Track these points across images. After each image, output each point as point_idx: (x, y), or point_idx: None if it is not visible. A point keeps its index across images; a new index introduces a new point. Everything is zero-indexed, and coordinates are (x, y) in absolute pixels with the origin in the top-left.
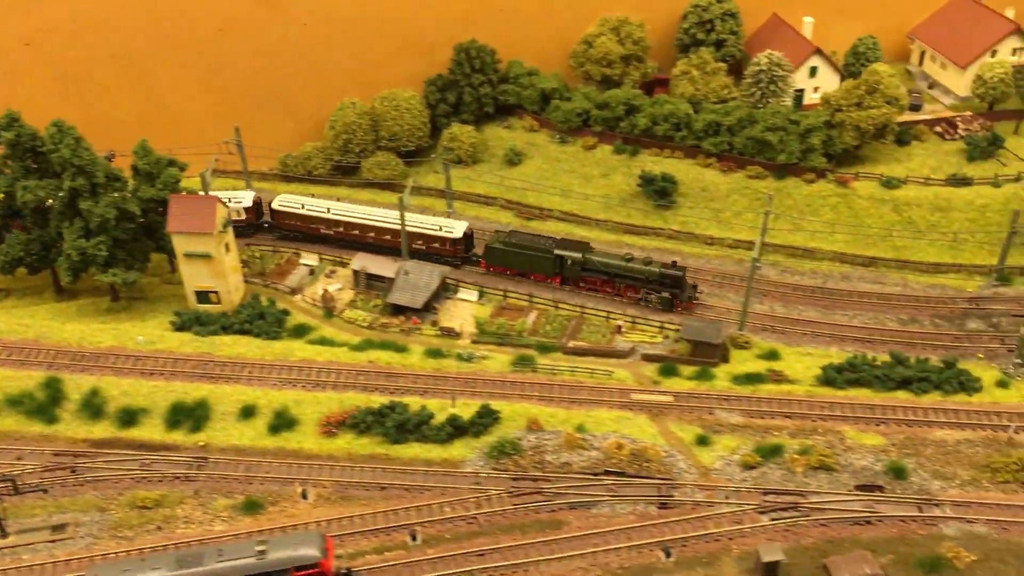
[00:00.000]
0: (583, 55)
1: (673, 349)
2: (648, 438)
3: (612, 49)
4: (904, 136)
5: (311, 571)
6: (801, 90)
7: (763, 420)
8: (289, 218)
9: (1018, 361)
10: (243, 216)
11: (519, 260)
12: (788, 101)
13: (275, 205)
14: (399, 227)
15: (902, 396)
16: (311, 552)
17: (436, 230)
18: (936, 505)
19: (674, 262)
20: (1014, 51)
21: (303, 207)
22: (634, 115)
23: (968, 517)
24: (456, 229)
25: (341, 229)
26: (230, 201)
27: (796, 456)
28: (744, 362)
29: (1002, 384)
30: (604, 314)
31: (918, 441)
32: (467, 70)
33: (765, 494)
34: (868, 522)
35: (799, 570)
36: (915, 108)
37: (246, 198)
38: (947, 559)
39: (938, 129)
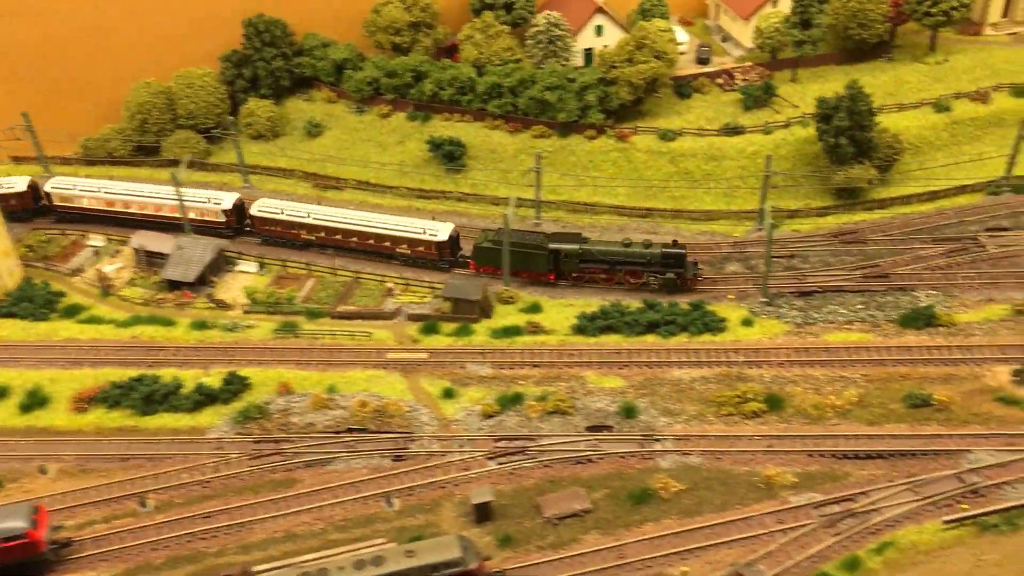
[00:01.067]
0: (373, 24)
1: (438, 308)
2: (396, 394)
3: (398, 17)
4: (685, 89)
5: (19, 542)
6: (590, 49)
7: (512, 371)
8: (269, 224)
9: (764, 300)
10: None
11: (511, 258)
12: (576, 61)
13: (254, 212)
14: (386, 231)
15: (650, 339)
16: (17, 524)
17: (420, 233)
18: (657, 440)
19: (674, 241)
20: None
21: (283, 212)
22: (422, 82)
23: (684, 449)
24: (441, 232)
25: (323, 234)
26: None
27: (533, 403)
28: (506, 316)
29: (747, 323)
30: (379, 278)
31: (656, 381)
32: (258, 44)
33: (497, 441)
34: (590, 460)
35: (515, 509)
36: (703, 61)
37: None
38: (655, 490)
39: (719, 81)
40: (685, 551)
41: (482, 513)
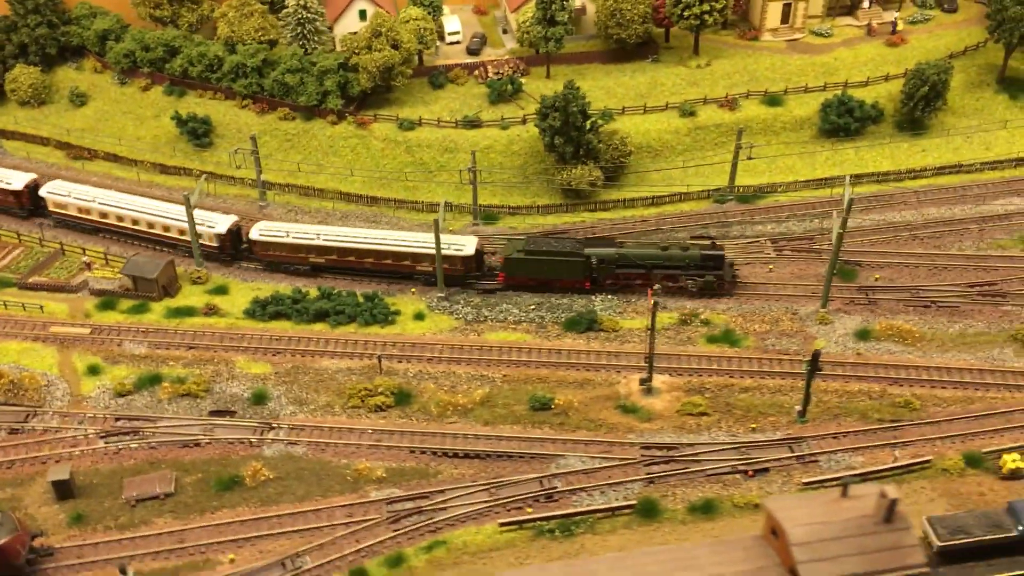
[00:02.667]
0: None
1: (122, 284)
2: (43, 368)
3: None
4: (439, 79)
5: None
6: (355, 33)
7: (166, 351)
8: (271, 248)
9: (441, 295)
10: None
11: (545, 268)
12: (337, 45)
13: (255, 235)
14: (406, 248)
15: (318, 328)
16: None
17: (444, 248)
18: (272, 428)
19: (712, 242)
20: None
21: (288, 235)
22: (175, 57)
23: (292, 439)
24: (467, 245)
25: (335, 256)
26: None
27: (167, 385)
28: (190, 296)
29: (419, 317)
30: (80, 250)
31: (302, 370)
32: (22, 11)
33: (117, 420)
34: (197, 444)
35: (102, 489)
36: (473, 52)
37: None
38: (242, 478)
39: (476, 73)
40: (243, 539)
41: (62, 491)
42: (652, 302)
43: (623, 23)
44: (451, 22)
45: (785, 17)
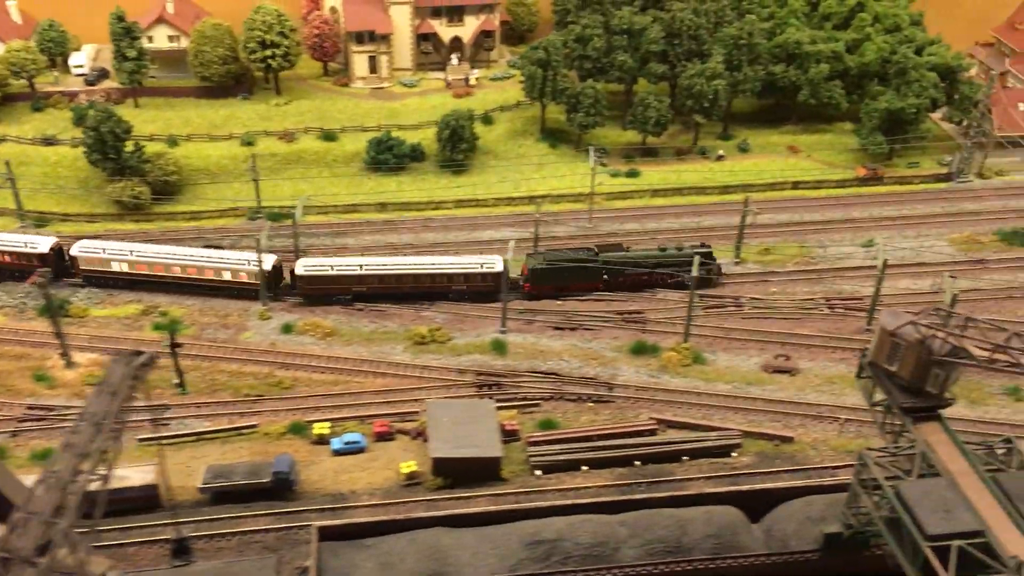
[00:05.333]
0: None
1: None
2: None
3: None
4: (39, 103)
5: None
6: None
7: None
8: (315, 283)
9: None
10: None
11: (565, 275)
12: None
13: (299, 271)
14: (442, 270)
15: None
16: None
17: (476, 267)
18: None
19: (702, 243)
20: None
21: (332, 268)
22: None
23: None
24: (497, 263)
25: (377, 283)
26: None
27: None
28: None
29: None
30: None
31: None
32: None
33: None
34: None
35: None
36: (90, 83)
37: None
38: None
39: (75, 100)
40: None
41: None
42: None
43: (205, 63)
44: (79, 56)
45: (373, 68)
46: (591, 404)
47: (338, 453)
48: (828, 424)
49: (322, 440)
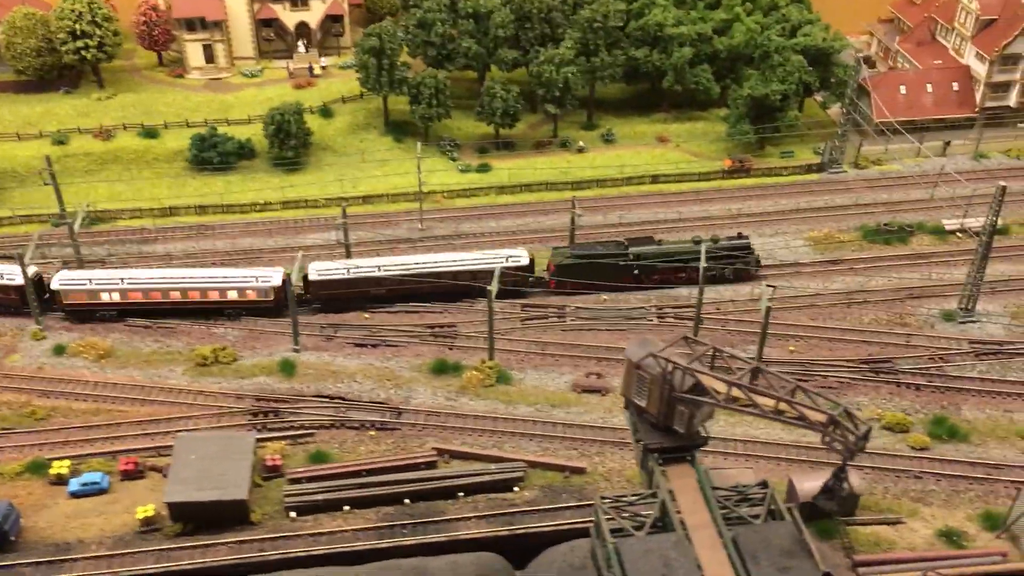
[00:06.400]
0: None
1: None
2: None
3: None
4: None
5: None
6: None
7: None
8: (330, 288)
9: None
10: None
11: (594, 271)
12: None
13: (313, 276)
14: (469, 267)
15: None
16: None
17: (503, 262)
18: None
19: (739, 233)
20: None
21: (348, 271)
22: None
23: None
24: (522, 257)
25: (396, 285)
26: None
27: None
28: None
29: None
30: None
31: None
32: None
33: None
34: None
35: None
36: None
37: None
38: None
39: None
40: None
41: None
42: None
43: (18, 55)
44: None
45: (209, 57)
46: (373, 432)
47: (75, 495)
48: (629, 451)
49: (60, 480)
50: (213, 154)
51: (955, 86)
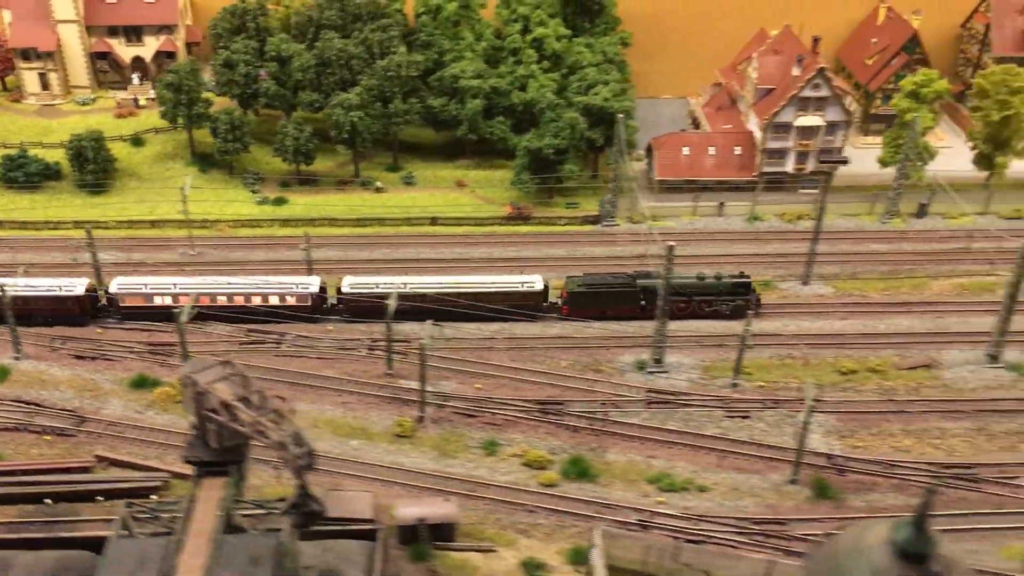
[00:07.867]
0: None
1: None
2: None
3: None
4: None
5: None
6: None
7: None
8: (360, 300)
9: None
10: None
11: (603, 299)
12: None
13: (345, 289)
14: (485, 288)
15: None
16: None
17: (517, 286)
18: None
19: (741, 272)
20: None
21: (377, 286)
22: None
23: None
24: (536, 282)
25: (420, 302)
26: None
27: None
28: None
29: None
30: None
31: None
32: None
33: None
34: None
35: None
36: None
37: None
38: None
39: None
40: None
41: None
42: None
43: None
44: None
45: (45, 85)
46: (49, 437)
47: None
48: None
49: None
50: (19, 174)
51: (737, 150)
